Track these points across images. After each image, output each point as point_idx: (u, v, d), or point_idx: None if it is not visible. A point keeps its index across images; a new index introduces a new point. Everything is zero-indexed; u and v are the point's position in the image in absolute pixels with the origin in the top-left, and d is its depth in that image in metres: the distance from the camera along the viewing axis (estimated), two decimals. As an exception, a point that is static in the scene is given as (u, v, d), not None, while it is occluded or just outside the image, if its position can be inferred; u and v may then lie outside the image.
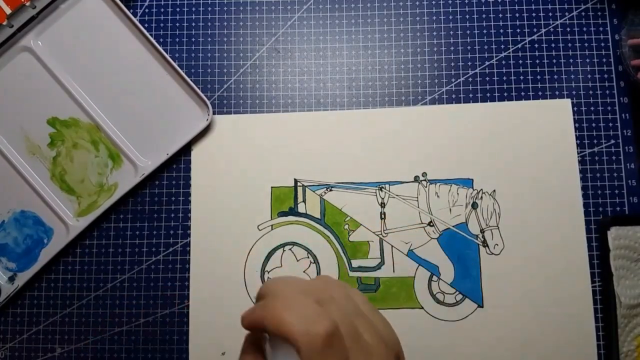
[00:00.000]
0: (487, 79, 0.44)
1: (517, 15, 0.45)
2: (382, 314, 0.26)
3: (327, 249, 0.43)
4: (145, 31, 0.44)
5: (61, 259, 0.44)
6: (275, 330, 0.24)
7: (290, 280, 0.27)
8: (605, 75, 0.44)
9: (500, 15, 0.45)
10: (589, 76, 0.44)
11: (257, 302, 0.30)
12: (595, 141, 0.43)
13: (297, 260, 0.43)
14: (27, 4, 0.43)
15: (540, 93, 0.44)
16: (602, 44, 0.44)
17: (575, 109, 0.44)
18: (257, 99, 0.45)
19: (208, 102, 0.43)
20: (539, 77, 0.44)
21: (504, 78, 0.44)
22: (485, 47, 0.45)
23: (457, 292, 0.42)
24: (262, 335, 0.27)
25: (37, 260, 0.43)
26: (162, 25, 0.46)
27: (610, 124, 0.43)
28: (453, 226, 0.43)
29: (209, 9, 0.46)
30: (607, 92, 0.44)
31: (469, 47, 0.45)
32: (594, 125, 0.44)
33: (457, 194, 0.43)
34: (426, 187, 0.43)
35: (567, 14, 0.45)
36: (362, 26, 0.46)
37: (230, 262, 0.43)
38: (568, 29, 0.45)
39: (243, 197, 0.44)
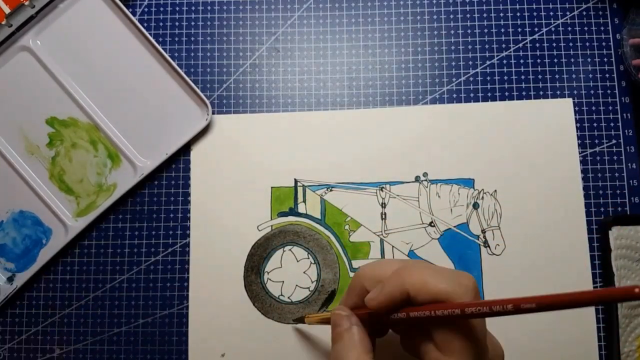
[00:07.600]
0: (488, 78, 0.44)
1: (518, 14, 0.45)
2: None
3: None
4: (144, 30, 0.43)
5: (60, 259, 0.44)
6: (423, 291, 0.23)
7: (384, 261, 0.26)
8: (607, 75, 0.44)
9: (501, 15, 0.45)
10: (590, 76, 0.44)
11: (352, 290, 0.28)
12: (596, 141, 0.43)
13: (297, 261, 0.43)
14: (26, 3, 0.43)
15: (541, 92, 0.44)
16: (604, 44, 0.44)
17: (576, 108, 0.43)
18: (256, 98, 0.45)
19: (207, 102, 0.43)
20: (540, 76, 0.44)
21: (505, 77, 0.44)
22: (486, 46, 0.45)
23: (458, 293, 0.42)
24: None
25: (36, 260, 0.43)
26: (161, 24, 0.46)
27: (612, 124, 0.43)
28: (454, 226, 0.43)
29: (209, 8, 0.46)
30: (609, 91, 0.44)
31: (469, 47, 0.45)
32: (595, 125, 0.43)
33: (458, 194, 0.43)
34: (427, 187, 0.43)
35: (568, 13, 0.45)
36: (362, 25, 0.45)
37: (230, 263, 0.43)
38: (569, 29, 0.45)
39: (243, 197, 0.43)
